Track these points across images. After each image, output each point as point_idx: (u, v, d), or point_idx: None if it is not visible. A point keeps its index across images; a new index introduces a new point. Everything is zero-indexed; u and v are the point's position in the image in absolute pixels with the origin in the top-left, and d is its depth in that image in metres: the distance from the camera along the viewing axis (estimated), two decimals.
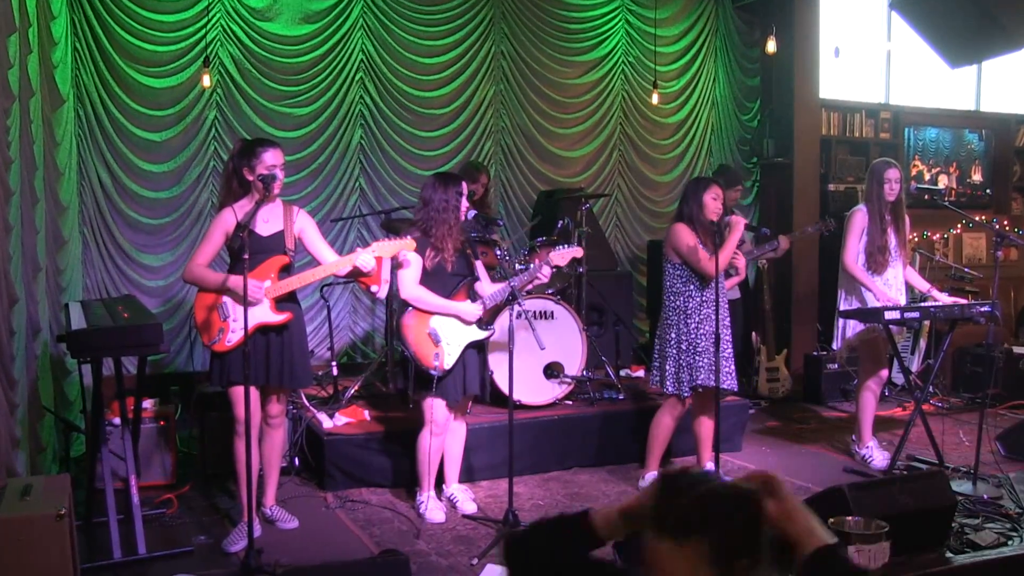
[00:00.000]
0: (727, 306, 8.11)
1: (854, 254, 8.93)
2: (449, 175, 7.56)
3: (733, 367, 8.14)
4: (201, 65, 10.43)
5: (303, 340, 7.07)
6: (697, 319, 8.01)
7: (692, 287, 8.03)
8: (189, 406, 8.99)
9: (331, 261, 6.89)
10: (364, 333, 11.75)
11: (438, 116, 11.92)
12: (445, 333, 7.28)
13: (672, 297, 8.16)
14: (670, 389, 8.14)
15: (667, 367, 8.15)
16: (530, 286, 7.69)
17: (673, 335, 8.11)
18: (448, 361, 7.26)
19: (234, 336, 6.62)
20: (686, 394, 8.08)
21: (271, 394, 7.04)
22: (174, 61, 10.55)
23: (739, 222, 8.04)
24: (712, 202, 7.99)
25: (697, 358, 7.98)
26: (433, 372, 7.18)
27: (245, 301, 6.18)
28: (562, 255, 7.57)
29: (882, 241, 8.83)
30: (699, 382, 7.98)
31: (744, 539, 2.74)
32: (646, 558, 2.82)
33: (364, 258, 6.78)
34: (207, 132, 10.78)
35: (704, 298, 8.03)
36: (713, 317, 7.94)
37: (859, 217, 8.94)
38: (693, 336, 8.00)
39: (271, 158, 6.73)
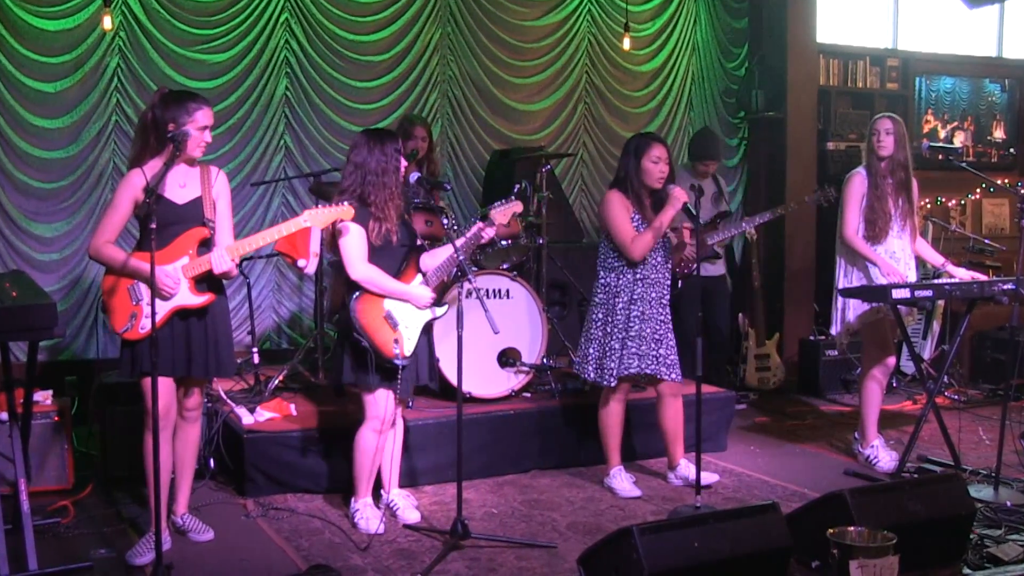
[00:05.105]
0: (668, 285, 8.24)
1: (854, 224, 8.99)
2: (383, 131, 7.54)
3: (676, 356, 8.26)
4: (101, 4, 10.35)
5: (227, 324, 7.09)
6: (628, 298, 8.12)
7: (624, 263, 8.13)
8: (88, 399, 9.00)
9: (255, 235, 6.88)
10: (290, 314, 11.78)
11: (375, 64, 11.93)
12: (402, 316, 7.29)
13: (603, 272, 8.28)
14: (591, 376, 8.29)
15: (590, 350, 8.28)
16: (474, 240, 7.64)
17: (600, 315, 8.23)
18: (408, 347, 7.28)
19: (148, 322, 6.55)
20: (608, 383, 8.18)
21: (191, 385, 7.07)
22: (70, 0, 10.54)
23: (679, 197, 7.96)
24: (653, 167, 8.04)
25: (630, 343, 8.11)
26: (398, 362, 7.18)
27: (153, 279, 6.21)
28: (502, 212, 7.61)
29: (880, 206, 8.90)
30: (631, 371, 8.12)
31: None
32: None
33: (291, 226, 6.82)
34: (108, 82, 10.74)
35: (639, 276, 8.13)
36: (648, 297, 8.12)
37: (857, 181, 9.01)
38: (622, 318, 8.11)
39: (204, 117, 6.76)
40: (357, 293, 7.23)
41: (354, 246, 7.20)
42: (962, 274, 9.09)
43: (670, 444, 8.59)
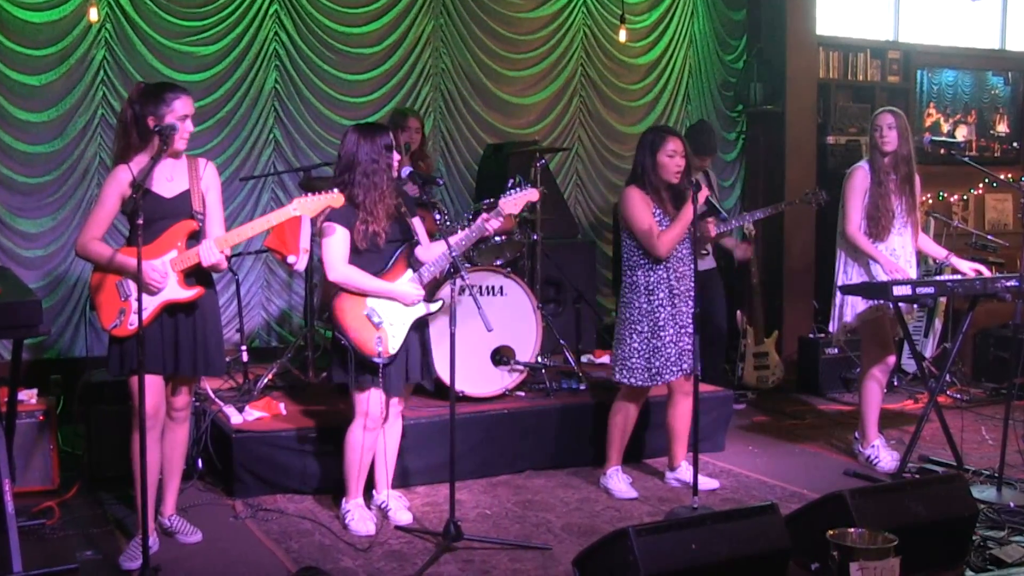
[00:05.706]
0: (693, 277, 8.18)
1: (857, 220, 8.96)
2: (374, 126, 7.52)
3: (693, 348, 8.21)
4: None
5: (216, 321, 7.08)
6: (660, 298, 8.08)
7: (651, 260, 8.08)
8: (74, 398, 8.99)
9: (244, 226, 6.87)
10: (279, 312, 11.77)
11: (367, 56, 11.92)
12: (386, 314, 7.26)
13: (628, 272, 8.23)
14: (621, 378, 8.25)
15: (619, 351, 8.25)
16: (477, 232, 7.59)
17: (625, 315, 8.20)
18: (393, 345, 7.26)
19: (137, 318, 6.55)
20: (638, 383, 8.15)
21: (180, 384, 7.05)
22: None
23: (700, 193, 7.91)
24: (669, 161, 8.00)
25: (677, 344, 8.07)
26: (377, 360, 7.17)
27: (139, 274, 6.21)
28: (514, 201, 7.53)
29: (884, 203, 8.87)
30: (665, 376, 8.09)
31: None
32: None
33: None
34: (94, 75, 10.73)
35: (669, 272, 8.10)
36: (679, 290, 8.09)
37: (860, 176, 8.98)
38: (655, 318, 8.07)
39: (183, 106, 6.72)
40: (338, 291, 7.25)
41: (335, 247, 7.19)
42: (966, 266, 9.09)
43: (674, 443, 8.58)
